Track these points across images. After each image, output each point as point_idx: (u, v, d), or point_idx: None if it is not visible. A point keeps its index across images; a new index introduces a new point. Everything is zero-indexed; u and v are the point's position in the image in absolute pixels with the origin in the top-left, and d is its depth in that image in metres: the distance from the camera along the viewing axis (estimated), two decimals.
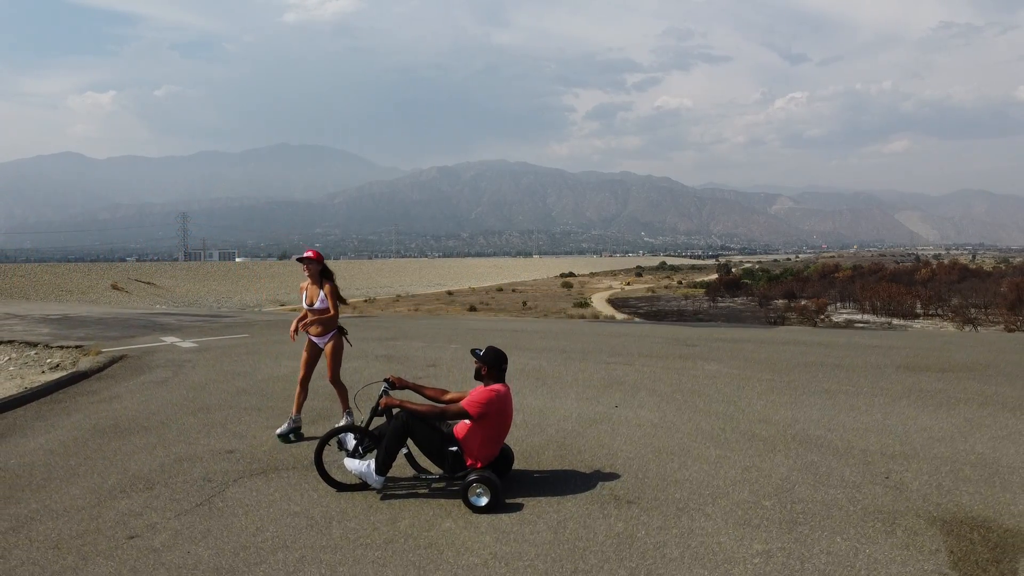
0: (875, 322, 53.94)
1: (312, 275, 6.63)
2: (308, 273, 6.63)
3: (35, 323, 17.26)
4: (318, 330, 6.66)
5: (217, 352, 11.98)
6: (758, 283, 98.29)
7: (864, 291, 67.74)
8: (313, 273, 6.62)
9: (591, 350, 11.80)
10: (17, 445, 6.90)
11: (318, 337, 6.70)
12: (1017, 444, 6.00)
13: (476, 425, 5.05)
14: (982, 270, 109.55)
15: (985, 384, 8.37)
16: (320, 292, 6.56)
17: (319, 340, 6.71)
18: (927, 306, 61.33)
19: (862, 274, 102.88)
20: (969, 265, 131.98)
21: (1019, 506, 4.70)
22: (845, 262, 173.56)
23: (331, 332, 6.74)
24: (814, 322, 48.90)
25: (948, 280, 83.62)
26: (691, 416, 7.16)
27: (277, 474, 5.74)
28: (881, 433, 6.39)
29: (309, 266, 6.60)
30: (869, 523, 4.50)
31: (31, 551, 4.48)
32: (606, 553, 4.16)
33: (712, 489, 5.14)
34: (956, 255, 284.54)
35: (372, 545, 4.39)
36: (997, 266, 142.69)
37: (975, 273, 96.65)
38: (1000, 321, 47.91)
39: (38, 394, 8.80)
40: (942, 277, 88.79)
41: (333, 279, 6.74)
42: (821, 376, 9.03)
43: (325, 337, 6.71)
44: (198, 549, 4.41)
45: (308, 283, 6.67)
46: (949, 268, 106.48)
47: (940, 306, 61.21)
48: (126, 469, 6.02)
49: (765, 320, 53.68)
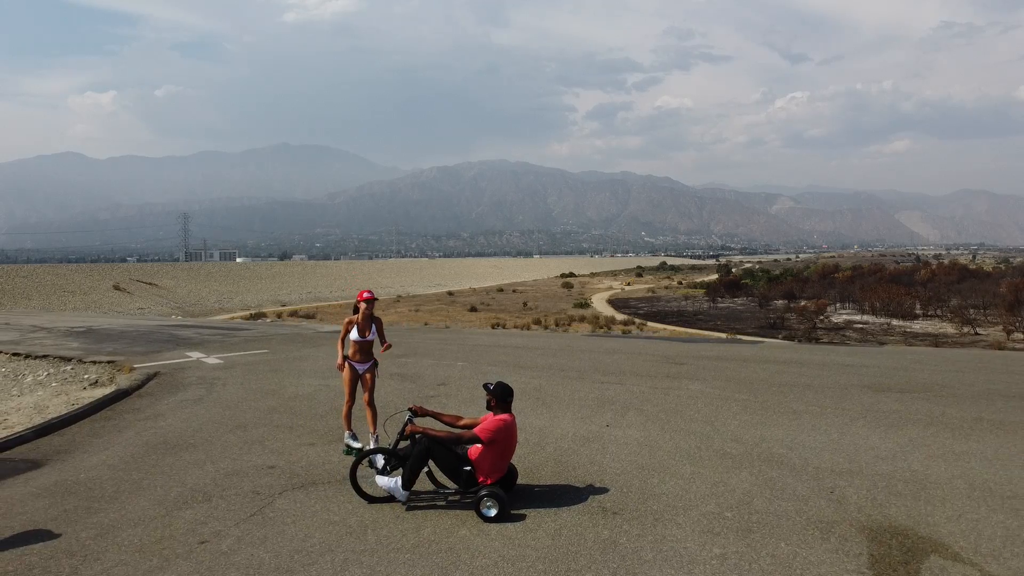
0: (874, 323, 54.31)
1: (368, 313, 7.72)
2: (365, 310, 7.71)
3: (62, 337, 18.25)
4: (359, 356, 7.77)
5: (243, 369, 12.98)
6: (758, 284, 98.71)
7: (863, 292, 68.24)
8: (370, 312, 7.73)
9: (586, 369, 12.79)
10: (82, 461, 7.89)
11: (359, 363, 7.80)
12: (948, 462, 6.98)
13: (487, 449, 6.04)
14: (982, 271, 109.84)
15: (935, 405, 9.35)
16: (372, 327, 7.71)
17: (359, 366, 7.82)
18: (926, 307, 62.20)
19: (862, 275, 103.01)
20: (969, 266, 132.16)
21: (935, 517, 5.68)
22: (845, 262, 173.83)
23: (370, 361, 7.86)
24: (813, 323, 49.25)
25: (947, 281, 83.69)
26: (672, 435, 8.15)
27: (315, 488, 6.73)
28: (834, 452, 7.38)
29: (370, 305, 7.73)
30: (810, 531, 5.49)
31: (120, 554, 5.47)
32: (593, 556, 5.14)
33: (684, 502, 6.13)
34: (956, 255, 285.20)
35: (402, 549, 5.37)
36: (997, 266, 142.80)
37: (975, 274, 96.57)
38: (999, 322, 48.54)
39: (88, 412, 9.79)
40: (941, 278, 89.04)
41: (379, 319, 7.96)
42: (792, 397, 10.02)
43: (365, 364, 7.83)
44: (259, 552, 5.40)
45: (358, 317, 7.72)
46: (948, 269, 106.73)
47: (939, 307, 61.86)
48: (184, 482, 7.01)
49: (764, 321, 54.12)
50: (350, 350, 7.83)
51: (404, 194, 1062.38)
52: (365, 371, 7.84)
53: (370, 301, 7.73)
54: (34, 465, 7.80)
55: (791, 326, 50.46)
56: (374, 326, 7.76)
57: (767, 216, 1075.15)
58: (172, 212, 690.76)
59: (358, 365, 7.80)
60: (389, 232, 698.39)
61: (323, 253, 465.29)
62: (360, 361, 7.80)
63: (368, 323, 7.71)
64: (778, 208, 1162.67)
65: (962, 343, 40.04)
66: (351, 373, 7.79)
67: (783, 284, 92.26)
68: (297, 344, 16.85)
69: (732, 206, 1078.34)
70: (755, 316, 60.00)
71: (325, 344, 16.86)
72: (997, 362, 13.87)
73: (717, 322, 55.75)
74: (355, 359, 7.79)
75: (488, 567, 5.02)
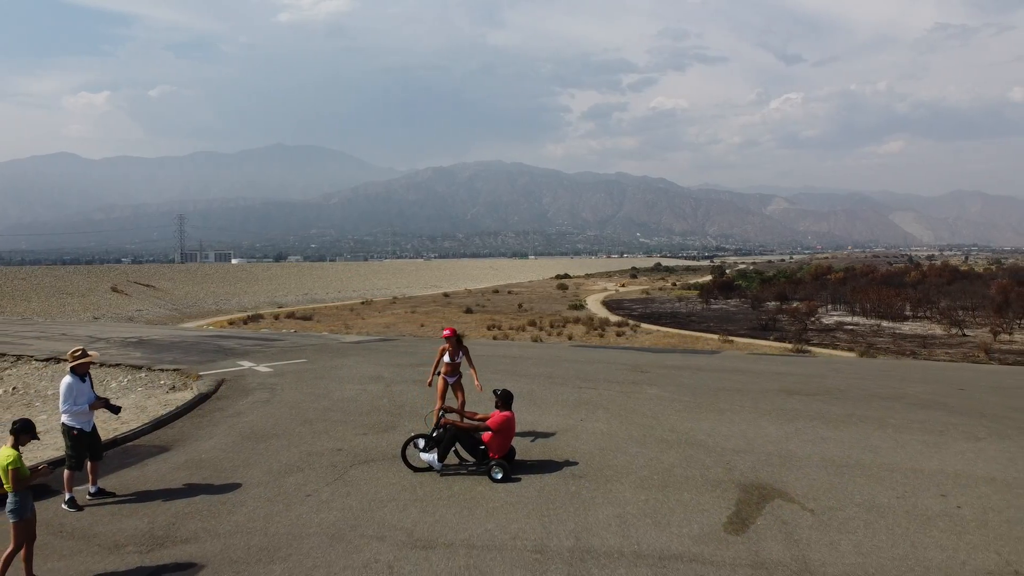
0: (864, 324, 56.23)
1: (456, 343, 10.82)
2: (452, 343, 10.78)
3: (122, 347, 21.14)
4: (448, 370, 10.92)
5: (292, 377, 15.92)
6: (751, 285, 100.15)
7: (855, 294, 70.04)
8: (454, 342, 10.82)
9: (570, 376, 15.75)
10: (197, 446, 10.83)
11: (449, 376, 10.93)
12: (814, 445, 9.97)
13: (495, 435, 9.02)
14: (973, 272, 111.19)
15: (826, 405, 12.36)
16: (460, 353, 10.85)
17: (450, 378, 10.95)
18: (916, 309, 63.54)
19: (854, 276, 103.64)
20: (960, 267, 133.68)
21: (788, 479, 8.67)
22: (838, 263, 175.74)
23: (457, 375, 11.00)
24: (804, 325, 50.96)
25: (938, 282, 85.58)
26: (627, 427, 11.13)
27: (375, 463, 9.69)
28: (739, 438, 10.37)
29: (449, 340, 10.81)
30: (706, 487, 8.47)
31: (255, 503, 8.40)
32: (564, 501, 8.11)
33: (627, 470, 9.10)
34: (949, 256, 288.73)
35: (440, 499, 8.33)
36: (988, 268, 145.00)
37: (965, 275, 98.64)
38: (987, 324, 50.35)
39: (185, 410, 12.74)
40: (932, 279, 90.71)
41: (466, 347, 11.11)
42: (722, 398, 13.01)
43: (453, 378, 10.98)
44: (348, 500, 8.35)
45: (448, 346, 10.82)
46: (939, 270, 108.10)
47: (929, 308, 63.23)
48: (279, 460, 9.95)
49: (756, 323, 55.81)
50: (443, 368, 10.91)
51: (399, 195, 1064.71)
52: (454, 383, 10.98)
53: (448, 337, 10.83)
54: (163, 449, 10.74)
55: (783, 328, 52.22)
56: (461, 352, 10.86)
57: (762, 217, 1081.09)
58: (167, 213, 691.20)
59: (448, 378, 10.95)
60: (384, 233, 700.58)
61: (318, 254, 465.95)
62: (449, 374, 10.95)
63: (456, 349, 10.85)
64: (773, 209, 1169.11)
65: (950, 344, 42.61)
66: (443, 384, 10.92)
67: (776, 286, 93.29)
68: (329, 354, 19.78)
69: (727, 207, 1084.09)
70: (747, 318, 61.83)
71: (353, 355, 19.80)
72: (897, 370, 16.91)
73: (710, 324, 57.43)
74: (446, 373, 10.93)
75: (497, 508, 7.99)
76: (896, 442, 10.01)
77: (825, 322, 58.70)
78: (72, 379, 8.75)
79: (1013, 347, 41.81)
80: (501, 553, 6.86)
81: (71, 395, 8.67)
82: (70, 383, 8.72)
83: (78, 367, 8.84)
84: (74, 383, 8.73)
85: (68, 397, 8.66)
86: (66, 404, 8.66)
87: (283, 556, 6.95)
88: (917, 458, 9.32)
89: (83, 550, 7.28)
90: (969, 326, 51.67)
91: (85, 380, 8.91)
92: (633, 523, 7.47)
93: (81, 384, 8.80)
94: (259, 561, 6.86)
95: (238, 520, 7.86)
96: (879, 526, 7.28)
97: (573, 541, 7.07)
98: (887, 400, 12.66)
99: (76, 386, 8.73)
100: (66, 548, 7.31)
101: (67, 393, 8.68)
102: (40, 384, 16.92)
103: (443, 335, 10.89)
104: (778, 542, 6.96)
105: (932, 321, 56.99)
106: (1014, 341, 44.51)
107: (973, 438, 10.13)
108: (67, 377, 8.82)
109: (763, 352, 30.15)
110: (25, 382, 17.20)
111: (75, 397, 8.68)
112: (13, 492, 6.72)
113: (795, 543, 6.93)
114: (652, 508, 7.86)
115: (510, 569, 6.52)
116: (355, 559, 6.83)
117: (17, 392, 16.39)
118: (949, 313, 56.14)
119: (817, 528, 7.26)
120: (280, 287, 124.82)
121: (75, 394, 8.69)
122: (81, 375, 8.87)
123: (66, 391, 8.69)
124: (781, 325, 54.05)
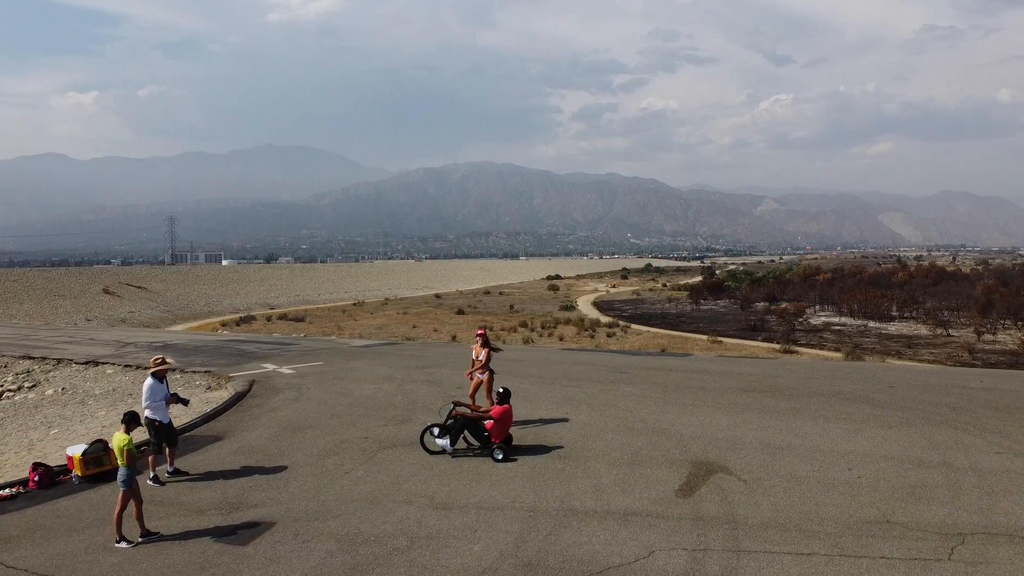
0: (851, 325, 57.58)
1: (482, 341, 13.18)
2: (480, 341, 13.19)
3: (151, 351, 23.08)
4: (477, 367, 13.16)
5: (314, 378, 18.00)
6: (741, 286, 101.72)
7: (842, 295, 71.52)
8: (483, 340, 13.20)
9: (559, 377, 17.89)
10: (245, 436, 12.90)
11: (479, 372, 13.13)
12: (758, 431, 12.13)
13: (496, 424, 11.16)
14: (960, 272, 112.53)
15: (775, 400, 14.56)
16: (484, 351, 13.14)
17: (479, 374, 13.16)
18: (903, 309, 65.03)
19: (843, 276, 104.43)
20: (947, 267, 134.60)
21: (731, 457, 10.82)
22: (827, 264, 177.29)
23: (485, 371, 13.18)
24: (792, 325, 52.12)
25: (925, 283, 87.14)
26: (605, 419, 13.28)
27: (398, 448, 11.79)
28: (696, 427, 12.54)
29: (480, 338, 13.29)
30: (664, 464, 10.63)
31: (304, 479, 10.50)
32: (551, 476, 10.25)
33: (603, 452, 11.25)
34: (937, 256, 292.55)
35: (454, 474, 10.45)
36: (975, 268, 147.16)
37: (952, 276, 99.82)
38: (971, 324, 51.67)
39: (227, 407, 14.80)
40: (919, 280, 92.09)
41: (491, 345, 13.47)
42: (687, 395, 15.19)
43: (482, 373, 13.16)
44: (380, 476, 10.46)
45: (477, 345, 13.21)
46: (926, 271, 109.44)
47: (915, 309, 64.77)
48: (316, 446, 12.04)
49: (745, 324, 56.82)
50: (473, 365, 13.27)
51: (390, 195, 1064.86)
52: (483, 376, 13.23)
53: (480, 335, 13.37)
54: (217, 438, 12.80)
55: (771, 328, 53.52)
56: (484, 352, 13.16)
57: (752, 217, 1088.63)
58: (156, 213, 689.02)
59: (479, 373, 13.19)
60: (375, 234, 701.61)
61: (309, 255, 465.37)
62: (478, 370, 13.23)
63: (481, 349, 13.18)
64: (763, 209, 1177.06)
65: (935, 344, 44.06)
66: (476, 379, 13.25)
67: (765, 286, 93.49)
68: (343, 358, 21.86)
69: (717, 207, 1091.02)
70: (737, 318, 63.07)
71: (365, 358, 21.90)
72: (842, 371, 19.16)
73: (699, 325, 58.88)
74: (474, 367, 13.21)
75: (498, 481, 10.11)
76: (823, 430, 12.21)
77: (813, 323, 60.18)
78: (153, 381, 10.85)
79: (996, 347, 43.16)
80: (503, 512, 8.99)
81: (152, 394, 10.75)
82: (152, 384, 10.81)
83: (158, 372, 10.93)
84: (155, 384, 10.82)
85: (150, 395, 10.74)
86: (148, 401, 10.73)
87: (335, 515, 9.06)
88: (837, 442, 11.51)
89: (176, 513, 9.36)
90: (954, 326, 53.07)
91: (162, 382, 10.99)
92: (605, 491, 9.62)
93: (159, 385, 10.89)
94: (317, 519, 8.96)
95: (292, 491, 9.97)
96: (794, 491, 9.45)
97: (558, 503, 9.22)
98: (825, 396, 14.87)
99: (156, 387, 10.82)
100: (162, 512, 9.38)
101: (149, 392, 10.77)
102: (86, 385, 18.92)
103: (476, 333, 13.55)
104: (715, 503, 9.12)
105: (918, 322, 58.30)
106: (997, 341, 45.87)
107: (886, 426, 12.34)
108: (149, 379, 10.91)
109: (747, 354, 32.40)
110: (71, 383, 19.19)
111: (155, 395, 10.77)
112: (125, 466, 8.79)
113: (728, 503, 9.09)
114: (621, 480, 10.01)
115: (510, 523, 8.65)
116: (391, 516, 8.95)
117: (67, 392, 18.37)
118: (935, 314, 57.35)
119: (746, 493, 9.42)
120: (271, 288, 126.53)
121: (155, 393, 10.77)
122: (160, 378, 10.95)
123: (148, 391, 10.78)
124: (770, 326, 55.34)
